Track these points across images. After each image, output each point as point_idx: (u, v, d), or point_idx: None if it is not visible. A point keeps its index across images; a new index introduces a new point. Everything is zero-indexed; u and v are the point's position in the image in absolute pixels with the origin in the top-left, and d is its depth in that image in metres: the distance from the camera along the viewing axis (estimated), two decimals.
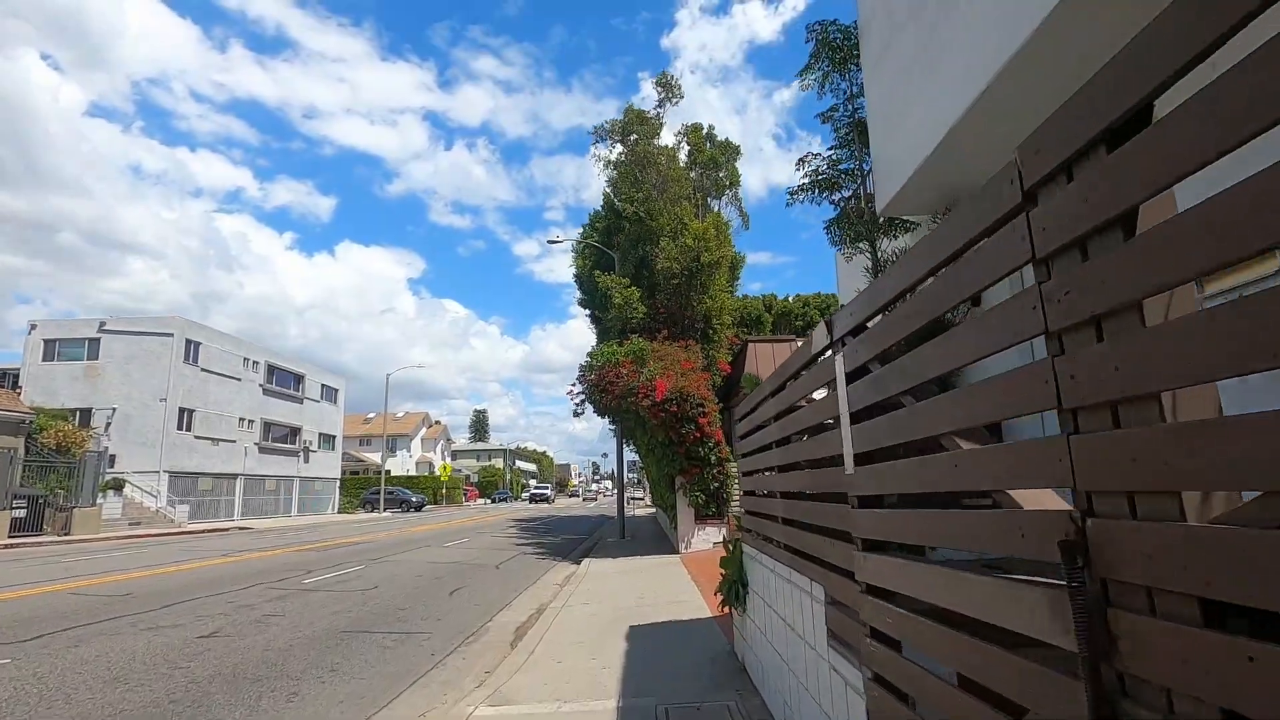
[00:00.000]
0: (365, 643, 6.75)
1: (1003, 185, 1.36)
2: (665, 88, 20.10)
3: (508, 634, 7.39)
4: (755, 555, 4.36)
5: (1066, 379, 1.17)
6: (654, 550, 15.03)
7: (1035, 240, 1.27)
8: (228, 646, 6.43)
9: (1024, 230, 1.30)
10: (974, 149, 4.81)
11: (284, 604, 8.72)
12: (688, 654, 5.77)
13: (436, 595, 9.63)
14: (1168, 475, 0.95)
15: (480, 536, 20.93)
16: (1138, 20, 1.06)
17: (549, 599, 9.43)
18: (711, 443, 14.03)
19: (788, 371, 3.25)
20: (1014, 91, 3.99)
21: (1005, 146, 5.03)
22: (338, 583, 10.74)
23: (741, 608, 4.93)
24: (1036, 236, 1.27)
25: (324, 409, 45.09)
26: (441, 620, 7.95)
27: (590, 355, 15.81)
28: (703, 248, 17.19)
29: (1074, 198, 1.16)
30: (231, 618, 7.79)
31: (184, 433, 31.38)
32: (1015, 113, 4.26)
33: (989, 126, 4.58)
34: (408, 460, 73.32)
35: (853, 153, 6.11)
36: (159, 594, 9.42)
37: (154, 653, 6.18)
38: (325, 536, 21.68)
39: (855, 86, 6.13)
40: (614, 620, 7.51)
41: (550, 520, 31.70)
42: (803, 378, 3.09)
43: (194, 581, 10.72)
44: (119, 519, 25.42)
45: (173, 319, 31.80)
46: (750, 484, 4.91)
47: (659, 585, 9.94)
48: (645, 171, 18.82)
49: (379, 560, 14.06)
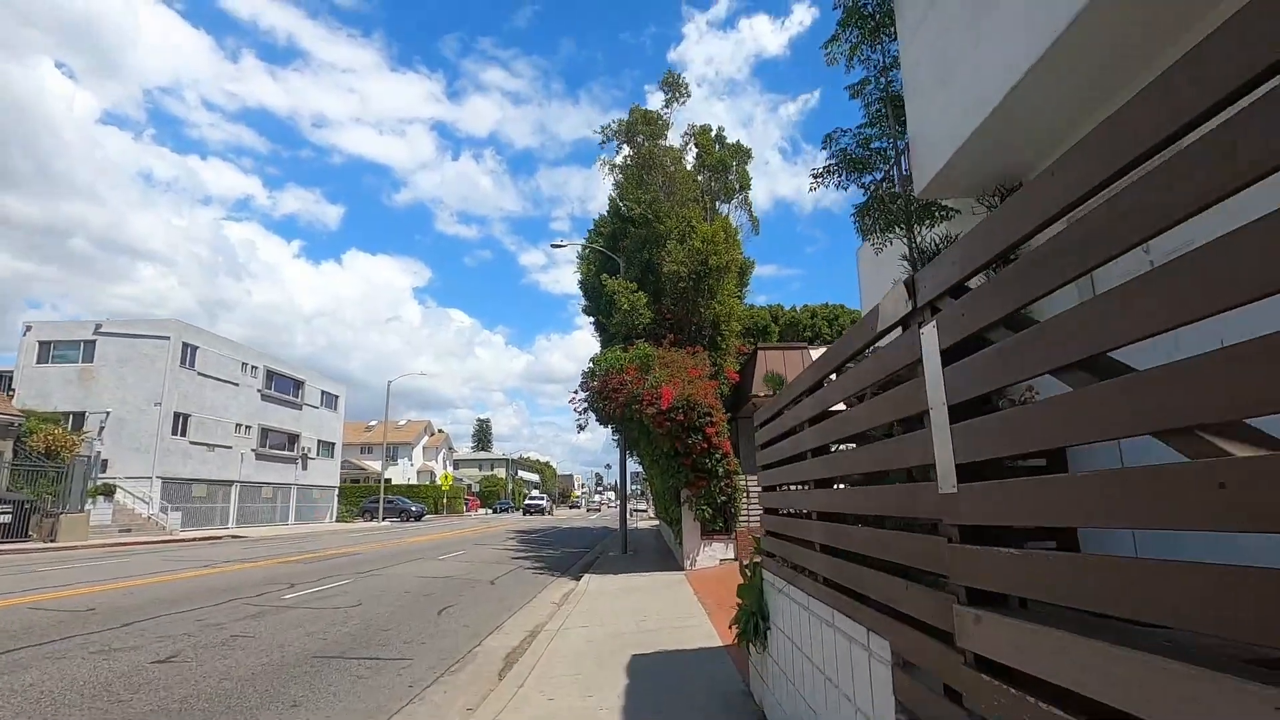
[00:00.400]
0: (337, 671, 6.07)
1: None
2: (672, 87, 19.54)
3: (497, 662, 6.70)
4: (781, 586, 3.67)
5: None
6: (657, 566, 14.30)
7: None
8: (181, 675, 5.76)
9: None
10: (1036, 115, 4.17)
11: (257, 623, 8.05)
12: (697, 692, 5.07)
13: (424, 615, 8.94)
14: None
15: (478, 549, 20.22)
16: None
17: (544, 620, 8.73)
18: (719, 454, 13.33)
19: (833, 361, 2.60)
20: (1099, 32, 3.34)
21: (1076, 109, 4.39)
22: (320, 599, 10.06)
23: (761, 644, 4.24)
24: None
25: (324, 415, 44.48)
26: (425, 644, 7.27)
27: (593, 361, 15.16)
28: (711, 251, 16.57)
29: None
30: (195, 639, 7.11)
31: (179, 438, 30.78)
32: (1095, 63, 3.62)
33: (1059, 83, 3.93)
34: (409, 469, 72.61)
35: (885, 130, 5.48)
36: (124, 610, 8.75)
37: (97, 681, 5.50)
38: (318, 547, 20.99)
39: (888, 58, 5.51)
40: (614, 648, 6.82)
41: (551, 532, 30.94)
42: (851, 370, 2.43)
43: (167, 595, 10.05)
44: (109, 525, 24.76)
45: (169, 322, 31.27)
46: (773, 500, 4.23)
47: (663, 606, 9.22)
48: (651, 173, 18.24)
49: (368, 574, 13.37)
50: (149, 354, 30.23)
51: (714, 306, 17.37)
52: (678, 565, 14.15)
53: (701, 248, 16.63)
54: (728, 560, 13.57)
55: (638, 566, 14.39)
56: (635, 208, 18.01)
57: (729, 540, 13.76)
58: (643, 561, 15.51)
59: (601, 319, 19.81)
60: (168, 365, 30.18)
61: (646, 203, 17.87)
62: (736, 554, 13.62)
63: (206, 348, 32.96)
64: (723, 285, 17.34)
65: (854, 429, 2.37)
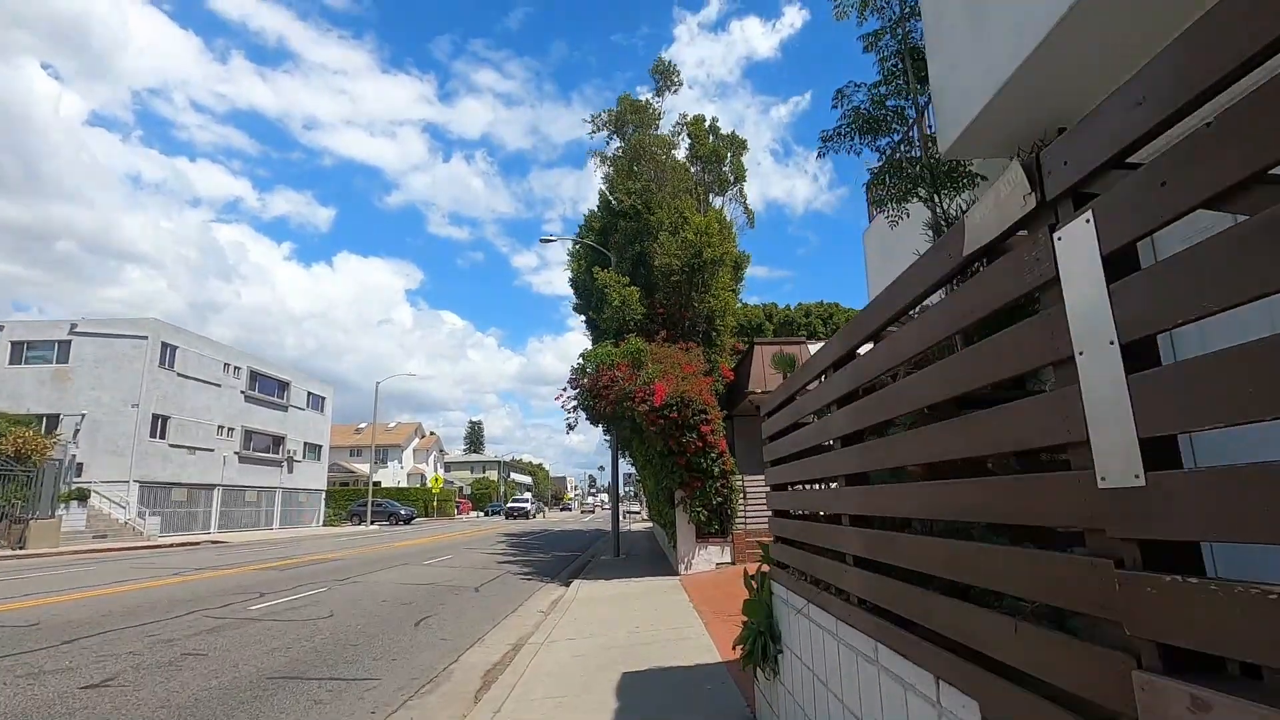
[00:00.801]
0: (294, 694, 5.43)
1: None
2: (663, 75, 18.90)
3: (474, 680, 6.08)
4: (799, 606, 3.07)
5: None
6: (651, 571, 13.67)
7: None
8: (113, 702, 5.10)
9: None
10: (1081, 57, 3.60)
11: (215, 638, 7.38)
12: (696, 718, 4.47)
13: (400, 626, 8.29)
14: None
15: (466, 553, 19.53)
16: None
17: (529, 631, 8.10)
18: (715, 453, 12.71)
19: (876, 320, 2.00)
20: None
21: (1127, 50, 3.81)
22: (290, 609, 9.38)
23: (771, 670, 3.63)
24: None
25: (310, 417, 43.55)
26: (397, 660, 6.63)
27: (583, 356, 14.52)
28: (705, 243, 15.95)
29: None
30: (141, 658, 6.44)
31: (157, 440, 29.85)
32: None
33: (1112, 19, 3.36)
34: (399, 472, 71.64)
35: (902, 87, 4.91)
36: (71, 624, 8.04)
37: (12, 712, 4.84)
38: (300, 552, 20.24)
39: (907, 6, 4.93)
40: (603, 662, 6.21)
41: (542, 536, 30.24)
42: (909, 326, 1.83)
43: (121, 608, 9.34)
44: (83, 531, 23.89)
45: (146, 321, 30.31)
46: (784, 501, 3.63)
47: (657, 615, 8.61)
48: (642, 163, 17.60)
49: (347, 580, 12.68)
50: (126, 354, 29.29)
51: (708, 301, 16.76)
52: (672, 570, 13.54)
53: (695, 240, 16.01)
54: (724, 564, 12.97)
55: (630, 571, 13.77)
56: (625, 198, 17.35)
57: (725, 543, 13.16)
58: (636, 566, 14.89)
59: (592, 315, 19.19)
60: (145, 366, 29.26)
61: (636, 192, 17.22)
62: (733, 558, 13.03)
63: (187, 348, 32.05)
64: (717, 279, 16.74)
65: (909, 405, 1.76)
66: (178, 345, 31.37)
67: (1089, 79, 3.79)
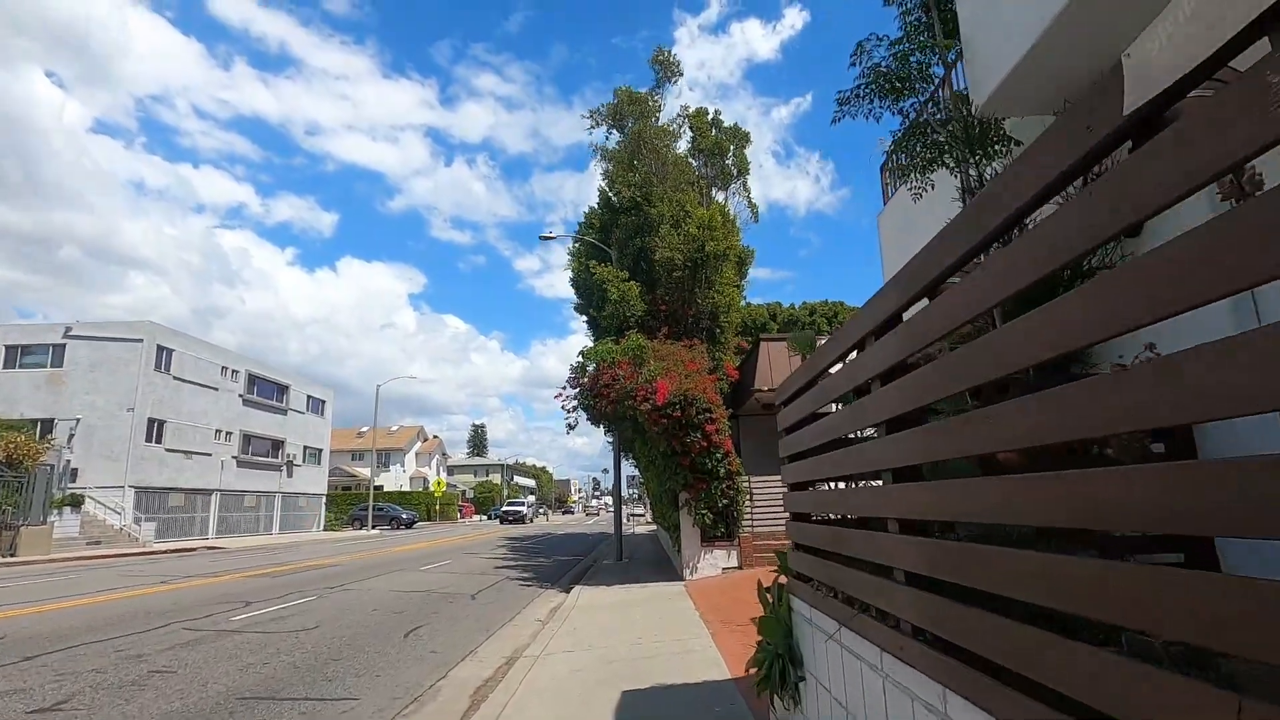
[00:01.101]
0: (262, 717, 4.95)
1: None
2: (663, 66, 18.41)
3: (462, 699, 5.59)
4: (829, 629, 2.57)
5: None
6: (654, 576, 13.17)
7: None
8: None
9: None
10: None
11: (187, 653, 6.90)
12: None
13: (388, 638, 7.80)
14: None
15: (466, 558, 19.05)
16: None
17: (525, 642, 7.61)
18: (720, 453, 12.21)
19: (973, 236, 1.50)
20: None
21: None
22: (274, 619, 8.91)
23: (791, 699, 3.13)
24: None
25: (310, 421, 43.13)
26: (380, 676, 6.15)
27: (583, 354, 14.04)
28: (708, 237, 15.46)
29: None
30: (104, 676, 5.97)
31: (153, 445, 29.43)
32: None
33: None
34: (401, 475, 71.16)
35: (927, 42, 4.42)
36: (37, 638, 7.58)
37: None
38: (295, 558, 19.79)
39: None
40: (602, 678, 5.73)
41: (544, 539, 29.74)
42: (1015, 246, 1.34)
43: (94, 620, 8.87)
44: (76, 538, 23.47)
45: (142, 324, 29.89)
46: (805, 503, 3.14)
47: (661, 625, 8.11)
48: (642, 156, 17.11)
49: (338, 588, 12.20)
50: (121, 358, 28.90)
51: (712, 297, 16.27)
52: (676, 575, 13.04)
53: (698, 234, 15.52)
54: (731, 569, 12.46)
55: (633, 576, 13.27)
56: (625, 191, 16.84)
57: (732, 547, 12.65)
58: (639, 571, 14.39)
59: (594, 314, 18.72)
60: (141, 369, 28.86)
61: (637, 185, 16.71)
62: (741, 562, 12.52)
63: (183, 351, 31.65)
64: (721, 274, 16.24)
65: (1013, 363, 1.26)
66: (174, 348, 30.97)
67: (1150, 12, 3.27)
